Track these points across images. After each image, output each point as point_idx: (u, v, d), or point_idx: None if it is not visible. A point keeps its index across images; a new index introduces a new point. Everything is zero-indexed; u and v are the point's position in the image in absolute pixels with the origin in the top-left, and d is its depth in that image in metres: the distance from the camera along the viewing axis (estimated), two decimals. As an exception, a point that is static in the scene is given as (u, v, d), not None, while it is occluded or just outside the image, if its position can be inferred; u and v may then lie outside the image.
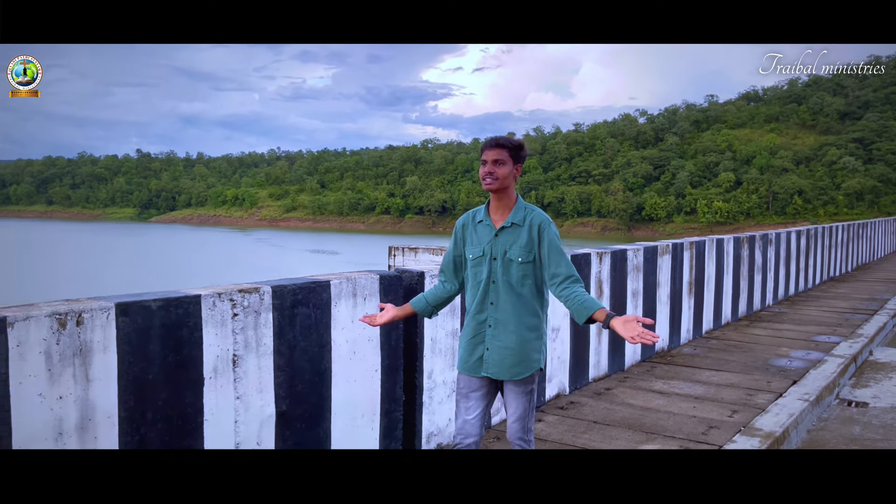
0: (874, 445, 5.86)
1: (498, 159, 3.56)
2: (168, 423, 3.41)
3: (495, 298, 3.59)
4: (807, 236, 15.22)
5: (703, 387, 6.98)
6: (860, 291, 15.06)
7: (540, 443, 5.29)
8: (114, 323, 3.18)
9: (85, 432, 3.08)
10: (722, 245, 10.33)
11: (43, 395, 2.95)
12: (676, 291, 8.81)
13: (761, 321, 10.97)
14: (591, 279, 6.91)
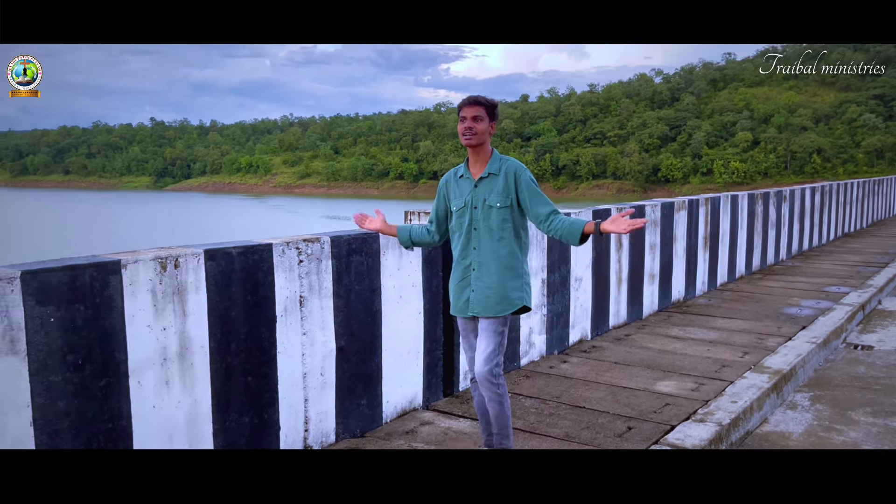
0: (877, 383, 6.32)
1: (476, 115, 3.87)
2: (248, 354, 3.92)
3: (477, 244, 3.90)
4: (821, 193, 15.53)
5: (716, 332, 7.45)
6: (873, 246, 15.40)
7: (566, 380, 5.79)
8: (203, 266, 3.68)
9: (183, 359, 3.60)
10: (737, 201, 10.72)
11: (150, 326, 3.46)
12: (692, 245, 9.24)
13: (774, 274, 11.40)
14: (612, 233, 7.34)
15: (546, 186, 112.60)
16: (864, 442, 4.98)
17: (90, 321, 3.23)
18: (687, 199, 9.13)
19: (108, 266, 3.29)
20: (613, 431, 4.70)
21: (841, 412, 5.58)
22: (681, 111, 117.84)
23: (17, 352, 2.99)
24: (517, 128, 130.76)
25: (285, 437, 4.16)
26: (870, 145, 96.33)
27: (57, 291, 3.11)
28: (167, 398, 3.54)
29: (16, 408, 2.99)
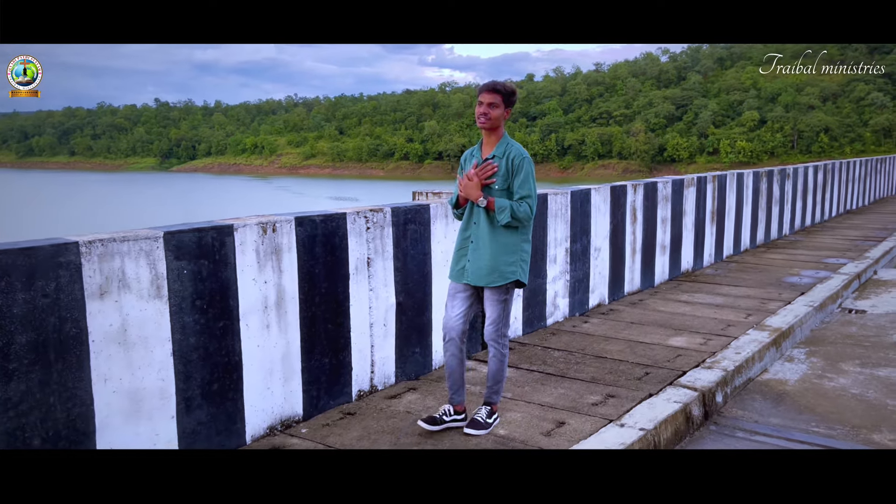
0: (867, 341, 7.03)
1: (493, 102, 4.16)
2: (328, 305, 4.65)
3: (477, 219, 4.23)
4: (824, 171, 16.18)
5: (722, 298, 8.17)
6: (874, 222, 16.07)
7: (589, 336, 6.52)
8: (294, 231, 4.40)
9: (279, 308, 4.33)
10: (742, 179, 11.40)
11: (255, 279, 4.19)
12: (700, 220, 9.94)
13: (777, 248, 12.09)
14: (627, 207, 8.06)
15: (552, 166, 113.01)
16: (851, 387, 5.70)
17: (212, 274, 3.96)
18: (696, 177, 9.82)
19: (224, 229, 4.01)
20: (633, 375, 5.43)
21: (832, 364, 6.31)
22: (687, 90, 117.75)
23: (161, 297, 3.72)
24: (523, 107, 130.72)
25: (356, 377, 4.90)
26: (877, 124, 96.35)
27: (189, 249, 3.84)
28: (268, 339, 4.28)
29: (161, 341, 3.73)
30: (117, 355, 3.54)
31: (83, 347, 3.41)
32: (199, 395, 3.93)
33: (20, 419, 3.21)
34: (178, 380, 3.82)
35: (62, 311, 3.33)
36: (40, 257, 3.25)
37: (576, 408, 4.77)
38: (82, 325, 3.41)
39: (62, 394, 3.35)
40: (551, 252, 6.81)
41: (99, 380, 3.48)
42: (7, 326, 3.15)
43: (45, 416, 3.30)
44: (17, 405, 3.19)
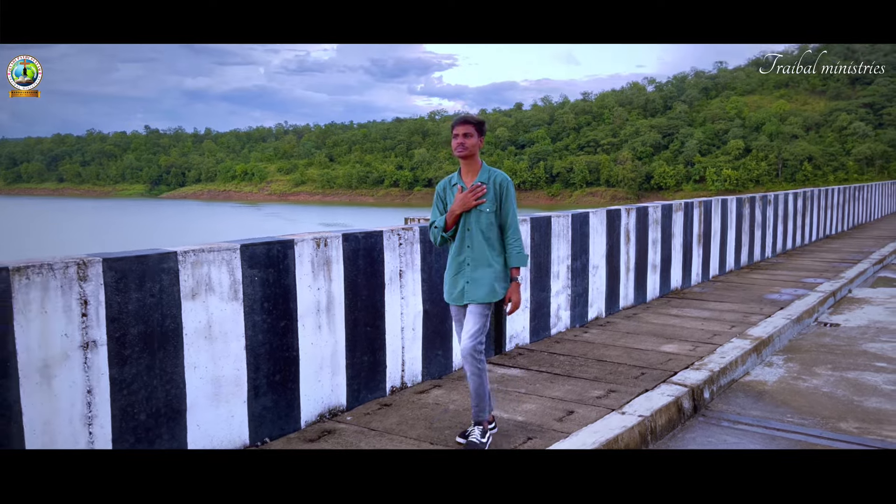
0: (838, 349, 7.77)
1: (467, 132, 4.52)
2: (367, 310, 5.35)
3: (471, 242, 4.52)
4: (804, 198, 17.05)
5: (709, 312, 8.91)
6: (851, 246, 16.92)
7: (589, 344, 7.24)
8: (341, 245, 5.11)
9: (329, 311, 5.03)
10: (726, 204, 12.20)
11: (310, 286, 4.89)
12: (688, 242, 10.71)
13: (760, 269, 12.89)
14: (621, 229, 8.82)
15: (540, 194, 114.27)
16: (823, 387, 6.43)
17: (276, 280, 4.66)
18: (683, 202, 10.61)
19: (287, 243, 4.73)
20: (631, 375, 6.14)
21: (807, 368, 7.04)
22: (673, 119, 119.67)
23: (237, 299, 4.42)
24: (511, 136, 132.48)
25: (390, 374, 5.59)
26: (860, 153, 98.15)
27: (259, 259, 4.55)
28: (320, 338, 4.97)
29: (236, 336, 4.42)
30: (204, 347, 4.24)
31: (178, 339, 4.11)
32: (265, 384, 4.62)
33: (131, 397, 3.89)
34: (249, 370, 4.51)
35: (164, 308, 4.03)
36: (149, 263, 3.96)
37: (582, 400, 5.47)
38: (178, 320, 4.10)
39: (162, 377, 4.04)
40: (554, 269, 7.54)
41: (190, 367, 4.17)
42: (124, 319, 3.84)
43: (149, 396, 3.98)
44: (129, 385, 3.88)
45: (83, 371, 3.68)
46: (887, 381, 6.56)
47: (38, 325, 3.49)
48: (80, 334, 3.65)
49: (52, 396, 3.56)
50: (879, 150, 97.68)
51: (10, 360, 3.40)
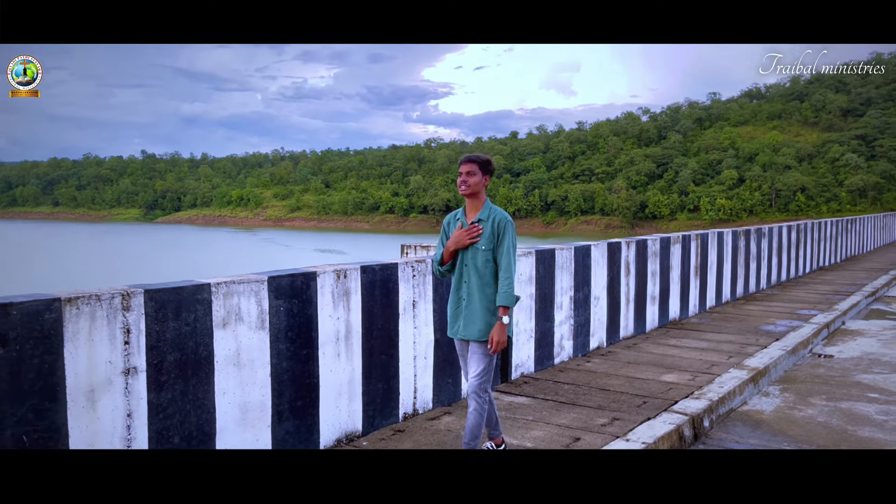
0: (832, 380, 8.02)
1: (470, 171, 4.61)
2: (382, 339, 5.60)
3: (468, 278, 4.63)
4: (797, 230, 17.38)
5: (706, 342, 9.16)
6: (844, 278, 17.22)
7: (592, 373, 7.48)
8: (359, 277, 5.37)
9: (347, 340, 5.27)
10: (722, 237, 12.50)
11: (330, 315, 5.14)
12: (685, 274, 10.99)
13: (755, 300, 13.16)
14: (622, 262, 9.09)
15: (535, 222, 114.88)
16: (818, 416, 6.67)
17: (300, 310, 4.91)
18: (681, 235, 10.91)
19: (310, 275, 4.98)
20: (633, 404, 6.38)
21: (802, 398, 7.28)
22: (667, 149, 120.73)
23: (264, 328, 4.66)
24: (507, 164, 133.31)
25: (403, 401, 5.82)
26: (853, 184, 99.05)
27: (284, 290, 4.80)
28: (338, 366, 5.21)
29: (263, 364, 4.66)
30: (233, 374, 4.47)
31: (210, 366, 4.34)
32: (287, 410, 4.84)
33: (166, 421, 4.12)
34: (274, 396, 4.74)
35: (198, 336, 4.27)
36: (185, 294, 4.20)
37: (587, 427, 5.71)
38: (210, 348, 4.34)
39: (195, 402, 4.27)
40: (558, 299, 7.80)
41: (220, 393, 4.40)
42: (161, 347, 4.08)
43: (183, 420, 4.21)
44: (165, 409, 4.11)
45: (124, 396, 3.91)
46: (879, 411, 6.81)
47: (85, 353, 3.73)
48: (122, 361, 3.89)
49: (96, 419, 3.79)
50: (872, 181, 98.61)
51: (60, 385, 3.63)
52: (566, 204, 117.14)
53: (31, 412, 3.53)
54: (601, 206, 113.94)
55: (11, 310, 3.46)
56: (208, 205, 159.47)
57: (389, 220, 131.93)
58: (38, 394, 3.56)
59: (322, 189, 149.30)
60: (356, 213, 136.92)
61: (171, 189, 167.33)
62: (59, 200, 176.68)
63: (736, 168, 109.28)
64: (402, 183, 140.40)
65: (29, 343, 3.52)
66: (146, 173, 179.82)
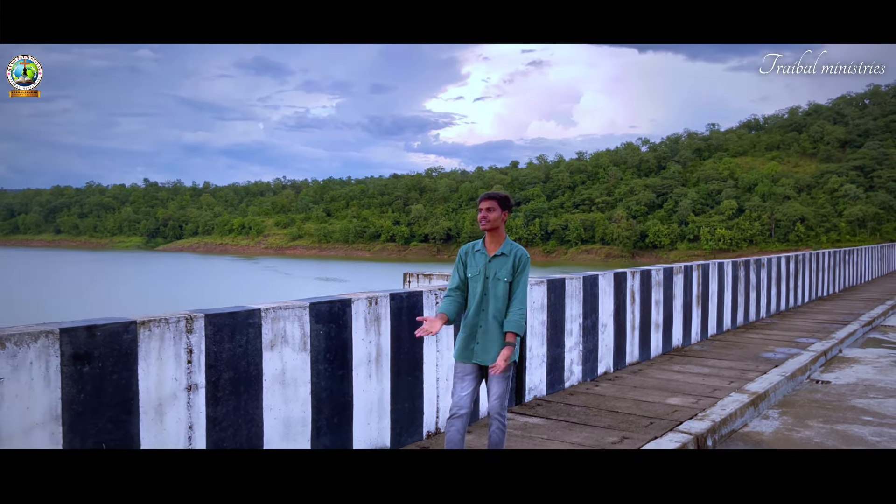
0: (829, 405, 8.43)
1: (490, 207, 4.88)
2: (409, 362, 6.03)
3: (486, 307, 4.86)
4: (795, 261, 17.85)
5: (708, 368, 9.59)
6: (842, 308, 17.65)
7: (601, 396, 7.89)
8: (388, 303, 5.82)
9: (378, 362, 5.71)
10: (723, 267, 12.97)
11: (363, 339, 5.58)
12: (688, 303, 11.43)
13: (755, 329, 13.60)
14: (627, 290, 9.54)
15: (536, 251, 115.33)
16: (815, 437, 7.09)
17: (337, 334, 5.36)
18: (683, 265, 11.37)
19: (346, 301, 5.43)
20: (641, 424, 6.80)
21: (800, 421, 7.70)
22: (667, 179, 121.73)
23: (306, 350, 5.11)
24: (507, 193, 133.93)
25: (426, 420, 6.24)
26: (851, 214, 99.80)
27: (323, 315, 5.25)
28: (370, 386, 5.64)
29: (305, 382, 5.10)
30: (278, 392, 4.91)
31: (259, 385, 4.78)
32: (325, 426, 5.27)
33: (221, 433, 4.55)
34: (313, 412, 5.17)
35: (249, 357, 4.72)
36: (239, 319, 4.66)
37: (599, 445, 6.13)
38: (260, 368, 4.78)
39: (246, 417, 4.70)
40: (568, 326, 8.24)
41: (267, 409, 4.83)
42: (219, 366, 4.52)
43: (235, 433, 4.64)
44: (220, 422, 4.54)
45: (187, 410, 4.35)
46: (873, 433, 7.23)
47: (155, 370, 4.17)
48: (185, 378, 4.33)
49: (163, 430, 4.22)
50: (871, 212, 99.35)
51: (134, 399, 4.07)
52: (566, 233, 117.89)
53: (110, 423, 3.97)
54: (601, 236, 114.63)
55: (96, 331, 3.91)
56: (210, 233, 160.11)
57: (391, 249, 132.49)
58: (116, 406, 4.00)
59: (323, 217, 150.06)
60: (357, 242, 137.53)
61: (173, 217, 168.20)
62: (61, 228, 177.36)
63: (735, 198, 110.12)
64: (403, 212, 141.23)
65: (110, 361, 3.96)
66: (148, 201, 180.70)
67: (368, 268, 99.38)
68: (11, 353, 3.56)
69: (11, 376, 3.56)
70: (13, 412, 3.57)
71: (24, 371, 3.61)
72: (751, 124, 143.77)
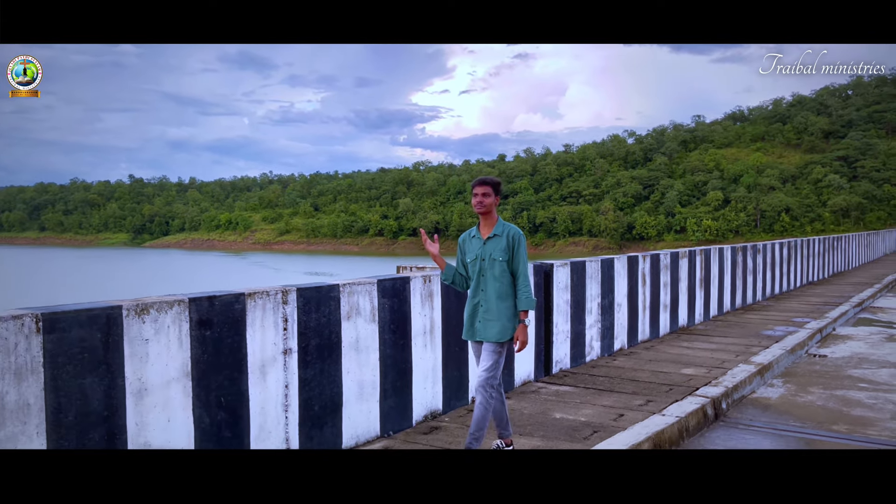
0: (827, 374, 9.15)
1: (485, 192, 5.13)
2: (456, 335, 6.65)
3: (484, 287, 5.13)
4: (788, 247, 18.63)
5: (715, 344, 10.31)
6: (832, 291, 18.45)
7: (621, 368, 8.59)
8: (439, 282, 6.46)
9: (432, 333, 6.36)
10: (723, 252, 13.70)
11: (419, 313, 6.23)
12: (692, 285, 12.15)
13: (753, 310, 14.35)
14: (639, 273, 10.24)
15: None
16: (816, 401, 7.80)
17: (399, 307, 6.01)
18: (688, 250, 12.09)
19: (405, 279, 6.08)
20: (661, 391, 7.49)
21: (802, 388, 8.42)
22: (653, 171, 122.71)
23: (375, 321, 5.75)
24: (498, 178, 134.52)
25: (470, 387, 6.89)
26: (835, 204, 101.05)
27: (388, 290, 5.89)
28: (425, 355, 6.30)
29: (374, 350, 5.74)
30: (353, 357, 5.56)
31: (338, 351, 5.43)
32: (390, 389, 5.92)
33: (310, 392, 5.19)
34: (381, 377, 5.82)
35: (330, 326, 5.36)
36: (323, 292, 5.30)
37: (628, 407, 6.81)
38: (339, 336, 5.43)
39: (329, 378, 5.35)
40: (588, 305, 8.92)
41: (345, 372, 5.48)
42: (308, 334, 5.16)
43: (321, 392, 5.28)
44: (309, 383, 5.18)
45: (283, 371, 4.99)
46: (869, 396, 7.96)
47: (259, 336, 4.81)
48: (282, 343, 4.97)
49: (266, 388, 4.86)
50: (854, 201, 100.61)
51: (244, 360, 4.71)
52: (554, 226, 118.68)
53: (226, 380, 4.60)
54: (589, 228, 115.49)
55: (215, 301, 4.54)
56: (196, 229, 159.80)
57: (379, 243, 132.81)
58: (231, 366, 4.64)
59: (311, 212, 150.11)
60: (345, 236, 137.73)
61: (159, 213, 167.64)
62: (46, 225, 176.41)
63: (721, 189, 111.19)
64: (390, 206, 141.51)
65: (225, 327, 4.60)
66: (134, 197, 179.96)
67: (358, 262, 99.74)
68: (154, 319, 4.19)
69: (154, 338, 4.19)
70: (156, 367, 4.20)
71: (164, 333, 4.24)
72: (736, 116, 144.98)
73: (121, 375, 4.01)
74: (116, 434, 3.98)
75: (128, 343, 4.05)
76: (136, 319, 4.10)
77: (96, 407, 3.89)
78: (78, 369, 3.81)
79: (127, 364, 4.05)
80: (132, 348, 4.07)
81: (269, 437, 4.90)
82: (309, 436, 5.19)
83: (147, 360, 4.15)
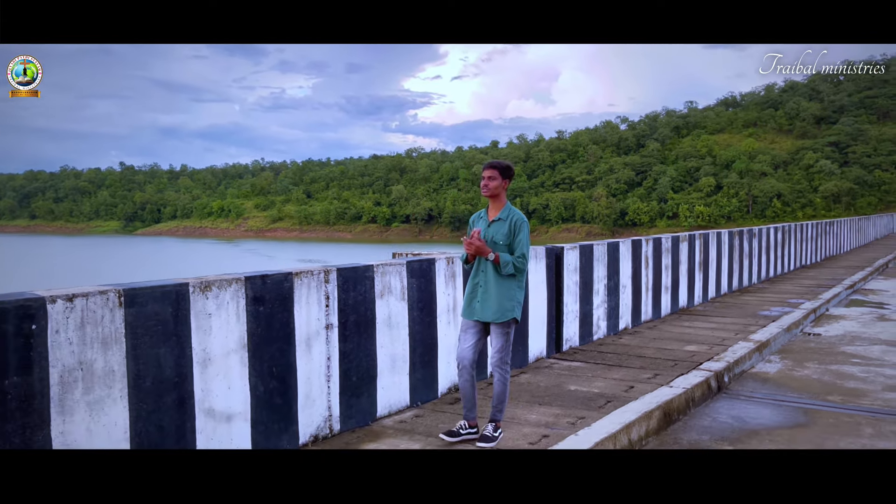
0: (821, 350, 9.63)
1: (491, 175, 5.25)
2: (476, 312, 7.09)
3: (485, 268, 5.26)
4: (782, 231, 19.10)
5: (714, 324, 10.77)
6: (825, 274, 18.96)
7: (627, 346, 9.04)
8: (461, 263, 6.88)
9: (454, 312, 6.78)
10: (721, 237, 14.16)
11: (444, 292, 6.65)
12: (692, 268, 12.61)
13: (749, 292, 14.83)
14: (642, 256, 10.68)
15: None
16: (812, 375, 8.27)
17: (425, 287, 6.42)
18: (688, 234, 12.54)
19: (431, 260, 6.50)
20: (667, 365, 7.94)
21: (799, 363, 8.89)
22: (646, 157, 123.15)
23: (404, 299, 6.17)
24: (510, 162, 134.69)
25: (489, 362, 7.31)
26: (827, 190, 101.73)
27: (416, 271, 6.31)
28: (449, 331, 6.72)
29: (404, 326, 6.17)
30: (386, 333, 5.98)
31: (373, 326, 5.84)
32: (419, 362, 6.35)
33: (349, 364, 5.62)
34: (411, 351, 6.25)
35: (366, 304, 5.78)
36: (359, 272, 5.71)
37: (637, 380, 7.26)
38: (373, 313, 5.84)
39: (364, 352, 5.77)
40: (595, 286, 9.35)
41: (379, 346, 5.90)
42: (346, 311, 5.58)
43: (358, 365, 5.70)
44: (348, 356, 5.60)
45: (325, 344, 5.40)
46: (861, 370, 8.43)
47: (304, 312, 5.22)
48: (325, 318, 5.39)
49: (311, 359, 5.28)
50: (845, 187, 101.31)
51: (292, 334, 5.13)
52: (547, 212, 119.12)
53: (277, 352, 5.02)
54: (582, 214, 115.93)
55: (267, 279, 4.95)
56: (189, 216, 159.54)
57: (372, 230, 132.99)
58: (281, 339, 5.05)
59: (303, 199, 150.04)
60: (338, 223, 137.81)
61: (151, 201, 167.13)
62: (36, 213, 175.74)
63: (713, 175, 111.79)
64: (383, 193, 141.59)
65: (276, 303, 5.01)
66: (125, 185, 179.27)
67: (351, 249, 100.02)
68: (216, 295, 4.60)
69: (216, 312, 4.60)
70: (218, 339, 4.61)
71: (224, 308, 4.65)
72: (728, 101, 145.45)
73: (189, 346, 4.43)
74: (185, 399, 4.40)
75: (194, 317, 4.46)
76: (201, 295, 4.51)
77: (169, 374, 4.31)
78: (154, 340, 4.22)
79: (194, 336, 4.46)
80: (198, 322, 4.48)
81: (314, 404, 5.32)
82: (349, 404, 5.62)
83: (210, 333, 4.56)
